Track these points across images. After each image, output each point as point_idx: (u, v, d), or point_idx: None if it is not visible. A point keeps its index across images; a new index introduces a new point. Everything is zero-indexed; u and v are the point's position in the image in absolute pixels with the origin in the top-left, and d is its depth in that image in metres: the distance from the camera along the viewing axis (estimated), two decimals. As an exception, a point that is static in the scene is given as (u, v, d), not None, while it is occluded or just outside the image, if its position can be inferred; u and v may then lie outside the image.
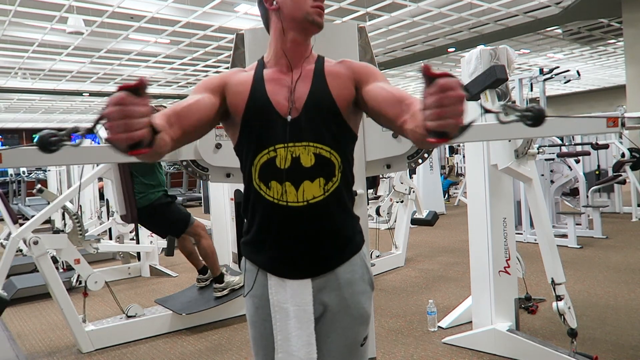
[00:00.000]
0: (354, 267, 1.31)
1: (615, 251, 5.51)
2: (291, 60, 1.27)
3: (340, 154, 1.25)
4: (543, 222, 2.79)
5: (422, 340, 3.23)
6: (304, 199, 1.21)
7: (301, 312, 1.25)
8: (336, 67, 1.29)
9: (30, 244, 3.18)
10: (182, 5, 9.20)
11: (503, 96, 2.75)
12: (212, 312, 3.76)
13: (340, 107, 1.24)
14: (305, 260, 1.26)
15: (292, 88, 1.24)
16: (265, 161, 1.22)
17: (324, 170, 1.22)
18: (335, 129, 1.25)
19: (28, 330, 3.83)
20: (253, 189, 1.26)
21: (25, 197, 12.76)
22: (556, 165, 6.63)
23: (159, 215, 3.66)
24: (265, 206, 1.24)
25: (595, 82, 22.24)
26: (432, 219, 5.66)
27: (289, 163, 1.21)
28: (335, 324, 1.29)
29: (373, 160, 2.18)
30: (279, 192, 1.22)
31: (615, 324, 3.33)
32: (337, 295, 1.28)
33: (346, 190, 1.29)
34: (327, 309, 1.29)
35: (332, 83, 1.25)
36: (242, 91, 1.26)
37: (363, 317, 1.31)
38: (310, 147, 1.21)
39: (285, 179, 1.21)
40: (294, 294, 1.26)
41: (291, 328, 1.26)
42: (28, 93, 16.67)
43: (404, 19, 10.90)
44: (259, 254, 1.31)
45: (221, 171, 2.14)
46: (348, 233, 1.31)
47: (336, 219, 1.27)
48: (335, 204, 1.25)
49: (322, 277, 1.28)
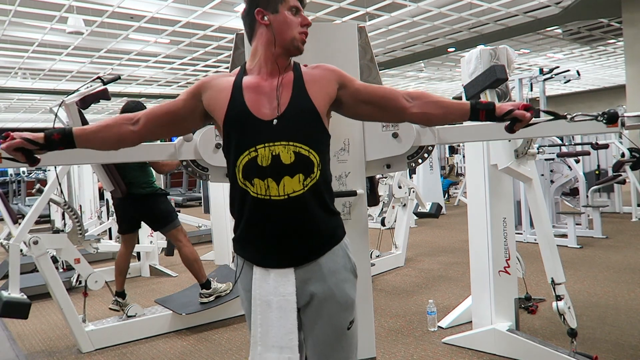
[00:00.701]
0: (335, 257, 1.41)
1: (615, 251, 5.51)
2: (275, 68, 1.40)
3: (319, 153, 1.36)
4: (543, 222, 2.79)
5: (422, 340, 3.23)
6: (284, 192, 1.32)
7: (284, 302, 1.34)
8: (314, 72, 1.42)
9: (30, 244, 3.18)
10: (182, 5, 9.20)
11: (503, 96, 2.75)
12: (212, 312, 3.75)
13: (319, 110, 1.38)
14: (288, 250, 1.36)
15: (277, 93, 1.37)
16: (247, 161, 1.34)
17: (303, 167, 1.33)
18: (314, 130, 1.37)
19: (28, 330, 3.83)
20: (238, 187, 1.37)
21: (25, 197, 12.75)
22: (556, 165, 6.63)
23: (153, 203, 3.79)
24: (250, 202, 1.35)
25: (595, 82, 22.25)
26: (436, 212, 5.67)
27: (269, 160, 1.32)
28: (322, 311, 1.39)
29: (373, 160, 2.18)
30: (262, 188, 1.33)
31: (615, 324, 3.33)
32: (321, 284, 1.38)
33: (324, 186, 1.40)
34: (313, 298, 1.38)
35: (312, 89, 1.38)
36: (221, 98, 1.39)
37: (347, 302, 1.41)
38: (290, 146, 1.33)
39: (267, 175, 1.32)
40: (277, 285, 1.35)
41: (273, 319, 1.35)
42: (28, 93, 16.69)
43: (403, 18, 10.90)
44: (246, 248, 1.42)
45: (221, 171, 2.14)
46: (328, 225, 1.41)
47: (315, 212, 1.37)
48: (314, 198, 1.36)
49: (306, 267, 1.37)
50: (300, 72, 1.42)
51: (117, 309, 3.78)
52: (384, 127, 2.14)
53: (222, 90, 1.39)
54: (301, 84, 1.39)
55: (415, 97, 1.43)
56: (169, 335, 3.59)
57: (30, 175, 13.50)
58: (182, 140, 2.13)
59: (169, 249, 5.73)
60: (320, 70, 1.43)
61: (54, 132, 1.33)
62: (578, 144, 7.19)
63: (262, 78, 1.39)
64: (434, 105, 1.42)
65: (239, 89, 1.38)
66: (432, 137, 2.13)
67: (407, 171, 6.04)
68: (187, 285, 4.63)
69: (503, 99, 2.75)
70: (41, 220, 7.25)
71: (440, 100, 1.44)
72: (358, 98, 1.43)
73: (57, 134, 1.34)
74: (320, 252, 1.39)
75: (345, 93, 1.42)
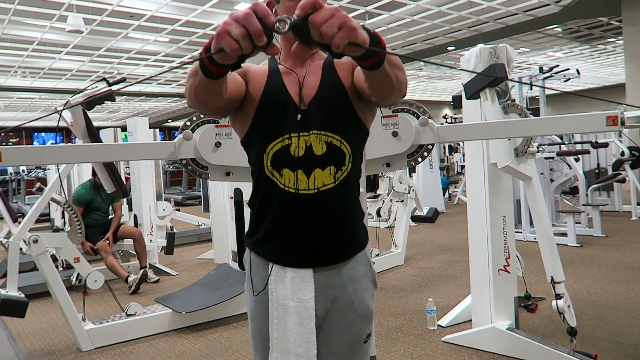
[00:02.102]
0: (357, 264, 1.32)
1: (614, 250, 5.51)
2: (298, 59, 1.31)
3: (351, 144, 1.27)
4: (543, 220, 2.79)
5: (422, 339, 3.24)
6: (314, 186, 1.23)
7: (302, 308, 1.25)
8: (343, 59, 1.29)
9: (30, 243, 3.18)
10: (181, 4, 9.19)
11: (503, 95, 2.75)
12: (212, 311, 3.76)
13: (350, 94, 1.27)
14: (311, 248, 1.27)
15: (301, 81, 1.28)
16: (279, 149, 1.24)
17: (334, 158, 1.24)
18: (345, 117, 1.27)
19: (28, 329, 3.83)
20: (264, 177, 1.26)
21: (25, 196, 12.75)
22: (556, 163, 6.63)
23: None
24: (276, 194, 1.25)
25: (595, 80, 22.24)
26: (433, 216, 5.67)
27: (302, 151, 1.23)
28: (339, 321, 1.30)
29: (373, 158, 2.18)
30: (291, 180, 1.23)
31: (615, 323, 3.33)
32: (341, 292, 1.29)
33: (356, 180, 1.31)
34: (331, 307, 1.29)
35: (342, 73, 1.28)
36: (259, 80, 1.29)
37: (366, 314, 1.32)
38: (322, 135, 1.23)
39: (298, 167, 1.23)
40: (295, 289, 1.26)
41: (290, 325, 1.26)
42: (27, 91, 16.66)
43: (403, 17, 10.89)
44: (264, 244, 1.31)
45: (221, 170, 2.14)
46: (355, 226, 1.33)
47: (345, 208, 1.29)
48: (345, 193, 1.27)
49: (326, 272, 1.28)
50: (332, 59, 1.32)
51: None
52: (384, 125, 2.14)
53: (259, 73, 1.31)
54: (332, 67, 1.30)
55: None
56: (168, 334, 3.59)
57: (30, 174, 13.49)
58: (182, 139, 2.13)
59: (169, 247, 5.74)
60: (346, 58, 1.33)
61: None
62: (578, 143, 7.20)
63: (292, 67, 1.31)
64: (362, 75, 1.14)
65: (277, 72, 1.30)
66: (431, 135, 2.13)
67: (407, 170, 6.04)
68: (187, 283, 4.63)
69: (503, 98, 2.75)
70: (41, 218, 7.24)
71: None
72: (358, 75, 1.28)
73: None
74: (343, 256, 1.30)
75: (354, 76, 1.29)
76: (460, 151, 11.42)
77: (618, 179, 7.36)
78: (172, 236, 5.78)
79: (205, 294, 3.92)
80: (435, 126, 2.17)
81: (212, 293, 3.89)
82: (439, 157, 10.57)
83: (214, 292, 3.91)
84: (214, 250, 5.96)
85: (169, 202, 6.17)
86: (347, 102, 1.27)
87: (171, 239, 5.75)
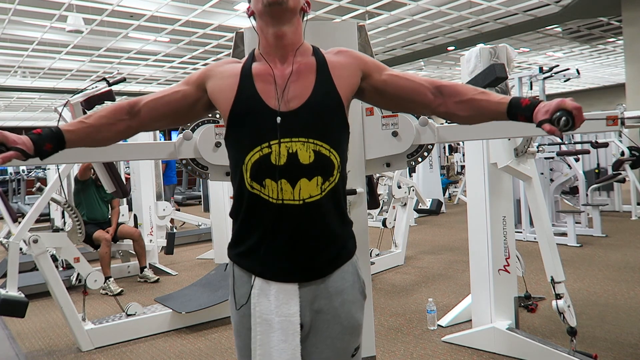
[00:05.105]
0: (344, 274, 1.27)
1: (614, 250, 5.51)
2: (280, 54, 1.23)
3: (339, 153, 1.22)
4: (543, 220, 2.79)
5: (422, 339, 3.24)
6: (300, 197, 1.17)
7: (286, 323, 1.20)
8: (339, 59, 1.27)
9: (30, 243, 3.18)
10: (181, 4, 9.20)
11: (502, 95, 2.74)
12: (212, 311, 3.76)
13: (344, 101, 1.23)
14: (297, 262, 1.21)
15: (284, 82, 1.21)
16: (258, 159, 1.17)
17: (322, 168, 1.18)
18: (337, 126, 1.22)
19: (27, 329, 3.83)
20: (246, 189, 1.21)
21: (25, 196, 12.74)
22: (556, 163, 6.63)
23: None
24: (259, 205, 1.19)
25: (594, 80, 22.24)
26: (437, 208, 5.66)
27: (284, 159, 1.16)
28: (325, 334, 1.25)
29: (372, 158, 2.18)
30: (274, 191, 1.17)
31: (615, 322, 3.33)
32: (326, 304, 1.24)
33: (342, 191, 1.26)
34: (316, 319, 1.24)
35: (337, 77, 1.23)
36: (228, 84, 1.23)
37: (354, 327, 1.28)
38: (310, 143, 1.17)
39: (281, 176, 1.16)
40: (280, 303, 1.20)
41: (274, 341, 1.20)
42: (27, 91, 16.67)
43: (403, 17, 10.90)
44: (249, 257, 1.25)
45: (221, 170, 2.14)
46: (343, 236, 1.27)
47: (332, 220, 1.23)
48: (332, 204, 1.22)
49: (311, 286, 1.23)
50: (324, 57, 1.25)
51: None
52: (384, 125, 2.14)
53: (229, 77, 1.24)
54: (326, 71, 1.22)
55: (447, 95, 1.25)
56: (168, 334, 3.59)
57: (30, 173, 13.48)
58: (182, 139, 2.13)
59: (169, 247, 5.73)
60: (344, 57, 1.27)
61: (45, 142, 1.16)
62: (578, 143, 7.19)
63: (273, 65, 1.23)
64: (465, 106, 1.24)
65: (249, 76, 1.22)
66: (431, 135, 2.13)
67: (406, 170, 6.04)
68: (187, 283, 4.63)
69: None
70: (41, 218, 7.24)
71: (473, 99, 1.23)
72: (382, 90, 1.27)
73: (49, 144, 1.17)
74: (329, 268, 1.24)
75: (368, 84, 1.27)
76: (460, 151, 11.42)
77: (618, 179, 7.36)
78: (172, 236, 5.78)
79: (205, 294, 3.91)
80: (435, 126, 2.16)
81: (212, 293, 3.88)
82: (439, 157, 10.56)
83: (214, 292, 3.91)
84: (214, 250, 5.95)
85: (169, 202, 6.18)
86: (341, 111, 1.22)
87: (171, 239, 5.75)
